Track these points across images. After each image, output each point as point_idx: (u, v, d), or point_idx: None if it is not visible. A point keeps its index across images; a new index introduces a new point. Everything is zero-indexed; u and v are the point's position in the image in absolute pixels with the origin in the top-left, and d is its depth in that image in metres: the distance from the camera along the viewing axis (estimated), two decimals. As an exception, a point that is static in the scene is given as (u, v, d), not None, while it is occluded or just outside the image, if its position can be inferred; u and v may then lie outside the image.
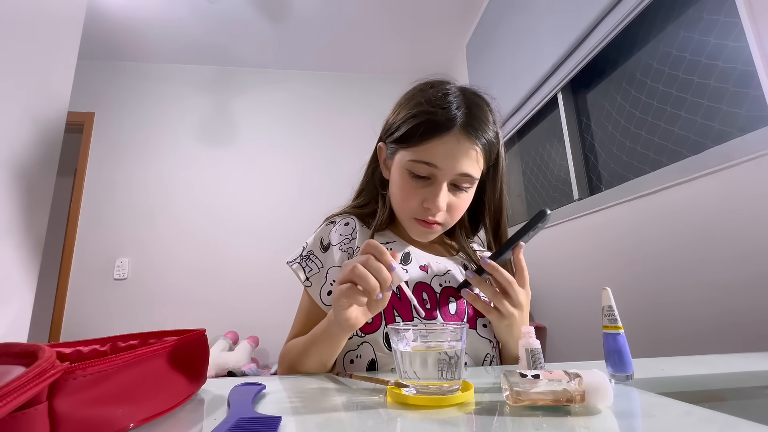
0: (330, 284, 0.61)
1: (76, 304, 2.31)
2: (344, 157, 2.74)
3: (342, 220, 0.67)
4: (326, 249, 0.64)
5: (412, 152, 0.56)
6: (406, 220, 0.61)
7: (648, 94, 1.28)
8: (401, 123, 0.58)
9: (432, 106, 0.56)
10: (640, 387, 0.39)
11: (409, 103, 0.60)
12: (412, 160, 0.56)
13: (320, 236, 0.67)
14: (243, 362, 2.05)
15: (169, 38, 2.48)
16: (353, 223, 0.66)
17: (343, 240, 0.64)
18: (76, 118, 2.49)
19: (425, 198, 0.57)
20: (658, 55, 1.24)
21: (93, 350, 0.40)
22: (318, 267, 0.63)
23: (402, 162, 0.58)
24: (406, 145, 0.57)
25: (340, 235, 0.65)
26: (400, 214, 0.62)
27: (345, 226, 0.66)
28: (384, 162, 0.66)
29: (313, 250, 0.65)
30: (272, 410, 0.35)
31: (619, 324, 0.44)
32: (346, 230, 0.65)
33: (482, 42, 2.30)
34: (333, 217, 0.70)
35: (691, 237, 0.99)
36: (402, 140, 0.58)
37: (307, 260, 0.64)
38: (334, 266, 0.62)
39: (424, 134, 0.55)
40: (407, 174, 0.57)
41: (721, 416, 0.30)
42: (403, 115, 0.59)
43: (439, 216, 0.58)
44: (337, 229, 0.66)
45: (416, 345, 0.38)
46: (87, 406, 0.26)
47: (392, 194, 0.63)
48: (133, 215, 2.46)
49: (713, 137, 1.04)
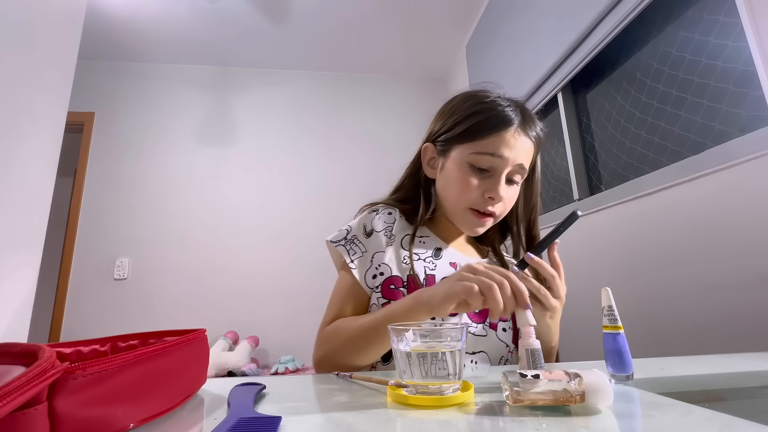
0: (375, 268, 0.63)
1: (76, 304, 2.31)
2: (344, 156, 2.74)
3: (385, 210, 0.71)
4: (369, 235, 0.67)
5: (475, 146, 0.61)
6: (461, 211, 0.64)
7: (648, 94, 1.28)
8: (460, 121, 0.63)
9: (492, 106, 0.62)
10: (640, 387, 0.39)
11: (463, 105, 0.66)
12: (476, 152, 0.61)
13: (363, 222, 0.69)
14: (243, 362, 2.05)
15: (169, 38, 2.48)
16: (395, 214, 0.70)
17: (387, 227, 0.67)
18: (76, 118, 2.49)
19: (486, 188, 0.61)
20: (658, 55, 1.24)
21: (93, 350, 0.40)
22: (362, 251, 0.65)
23: (462, 156, 0.62)
24: (468, 140, 0.62)
25: (384, 222, 0.68)
26: (455, 206, 0.65)
27: (388, 215, 0.69)
28: (429, 161, 0.70)
29: (357, 234, 0.68)
30: (272, 410, 0.35)
31: (619, 324, 0.44)
32: (390, 219, 0.69)
33: (482, 42, 2.30)
34: (375, 206, 0.73)
35: (691, 237, 0.99)
36: (463, 136, 0.63)
37: (351, 243, 0.66)
38: (378, 251, 0.64)
39: (490, 128, 0.60)
40: (468, 167, 0.62)
41: (721, 416, 0.30)
42: (459, 115, 0.64)
43: (496, 206, 0.62)
44: (381, 216, 0.69)
45: (416, 345, 0.38)
46: (87, 406, 0.26)
47: (446, 188, 0.66)
48: (133, 215, 2.46)
49: (713, 137, 1.04)
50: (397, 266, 0.63)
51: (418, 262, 0.64)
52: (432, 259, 0.65)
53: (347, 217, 0.75)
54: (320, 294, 2.50)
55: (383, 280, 0.62)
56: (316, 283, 2.50)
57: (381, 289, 0.62)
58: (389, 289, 0.61)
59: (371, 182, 2.71)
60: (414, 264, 0.63)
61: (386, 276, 0.62)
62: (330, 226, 2.89)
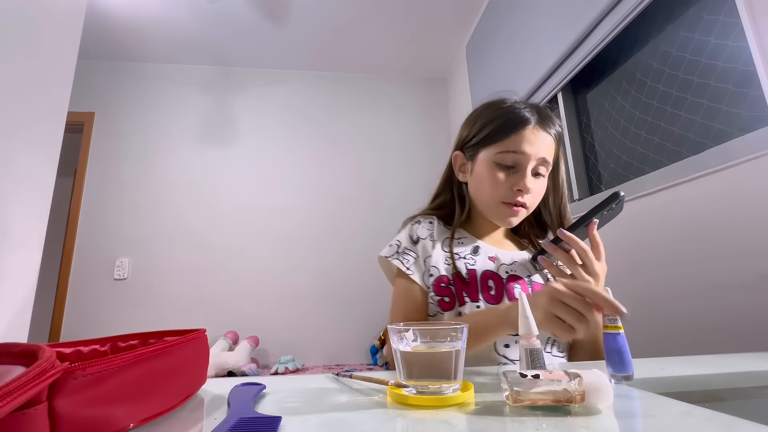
0: (429, 269, 0.70)
1: (76, 304, 2.31)
2: (345, 156, 2.74)
3: (425, 220, 0.78)
4: (416, 242, 0.75)
5: (498, 146, 0.68)
6: (494, 205, 0.70)
7: (648, 94, 1.28)
8: (482, 128, 0.71)
9: (510, 110, 0.69)
10: (640, 387, 0.39)
11: (484, 113, 0.73)
12: (500, 152, 0.68)
13: (409, 233, 0.77)
14: (243, 362, 2.05)
15: (169, 38, 2.48)
16: (435, 222, 0.78)
17: (430, 233, 0.75)
18: (76, 118, 2.49)
19: (514, 183, 0.67)
20: (658, 55, 1.24)
21: (93, 350, 0.40)
22: (414, 257, 0.73)
23: (489, 157, 0.69)
24: (491, 143, 0.69)
25: (426, 230, 0.76)
26: (488, 202, 0.71)
27: (429, 223, 0.77)
28: (460, 167, 0.77)
29: (406, 246, 0.75)
30: (272, 410, 0.35)
31: (619, 324, 0.44)
32: (431, 226, 0.77)
33: (482, 42, 2.30)
34: (417, 218, 0.80)
35: (691, 237, 0.99)
36: (487, 140, 0.70)
37: (403, 254, 0.73)
38: (427, 256, 0.72)
39: (510, 128, 0.67)
40: (495, 166, 0.68)
41: (721, 416, 0.30)
42: (481, 122, 0.72)
43: (526, 198, 0.68)
44: (423, 225, 0.77)
45: (416, 345, 0.38)
46: (87, 406, 0.26)
47: (477, 188, 0.73)
48: (133, 215, 2.46)
49: (713, 137, 1.04)
50: (443, 266, 0.70)
51: (459, 261, 0.71)
52: (471, 256, 0.72)
53: (347, 217, 0.78)
54: (321, 294, 2.51)
55: (433, 280, 0.70)
56: (317, 283, 2.50)
57: (433, 288, 0.69)
58: (440, 287, 0.69)
59: (371, 182, 2.71)
60: (456, 262, 0.70)
61: (435, 276, 0.70)
62: (330, 226, 2.87)
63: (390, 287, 0.77)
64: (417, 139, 2.84)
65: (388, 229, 3.01)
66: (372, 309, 2.46)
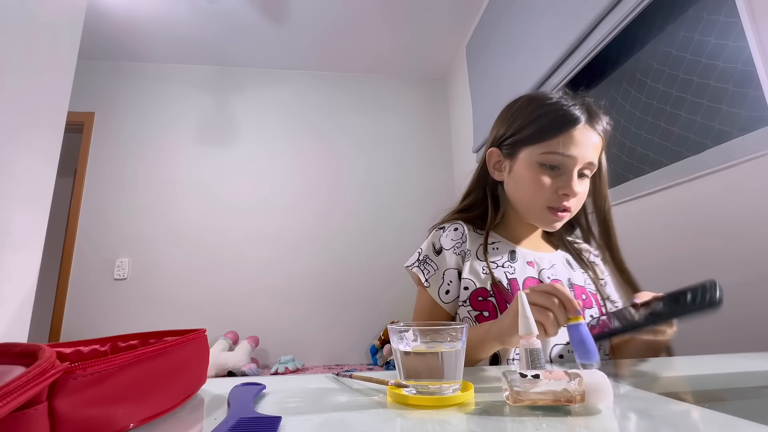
0: (447, 284, 0.67)
1: (76, 304, 2.31)
2: (345, 156, 2.74)
3: (450, 227, 0.73)
4: (439, 253, 0.70)
5: (543, 147, 0.63)
6: (538, 210, 0.65)
7: (648, 94, 1.28)
8: (525, 125, 0.65)
9: (558, 107, 0.63)
10: (640, 387, 0.39)
11: (526, 109, 0.67)
12: (546, 152, 0.62)
13: (432, 241, 0.72)
14: (243, 362, 2.05)
15: (168, 38, 2.48)
16: (462, 228, 0.72)
17: (455, 244, 0.70)
18: (76, 118, 2.49)
19: (560, 186, 0.62)
20: (658, 55, 1.24)
21: (93, 350, 0.40)
22: (434, 269, 0.69)
23: (532, 157, 0.64)
24: (536, 142, 0.64)
25: (451, 240, 0.71)
26: (530, 205, 0.67)
27: (455, 231, 0.72)
28: (495, 165, 0.72)
29: (428, 254, 0.71)
30: (272, 410, 0.35)
31: (579, 315, 0.44)
32: (456, 235, 0.71)
33: (482, 42, 2.30)
34: (442, 224, 0.75)
35: (691, 237, 0.99)
36: (531, 138, 0.64)
37: (424, 264, 0.70)
38: (450, 268, 0.68)
39: (558, 127, 0.62)
40: (538, 167, 0.63)
41: (721, 416, 0.30)
42: (524, 118, 0.66)
43: (571, 202, 0.63)
44: (448, 234, 0.72)
45: (416, 345, 0.38)
46: (87, 406, 0.26)
47: (518, 189, 0.68)
48: (133, 215, 2.46)
49: (713, 137, 1.04)
50: (478, 278, 0.66)
51: (497, 270, 0.66)
52: (509, 263, 0.67)
53: (348, 217, 0.77)
54: (321, 295, 2.51)
55: (469, 294, 0.65)
56: (317, 284, 2.50)
57: (470, 302, 0.64)
58: (478, 301, 0.64)
59: (372, 182, 2.71)
60: (493, 272, 0.65)
61: (471, 290, 0.65)
62: (330, 226, 2.86)
63: (389, 288, 0.77)
64: (417, 139, 2.84)
65: (389, 229, 3.00)
66: (372, 309, 2.46)
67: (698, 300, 0.42)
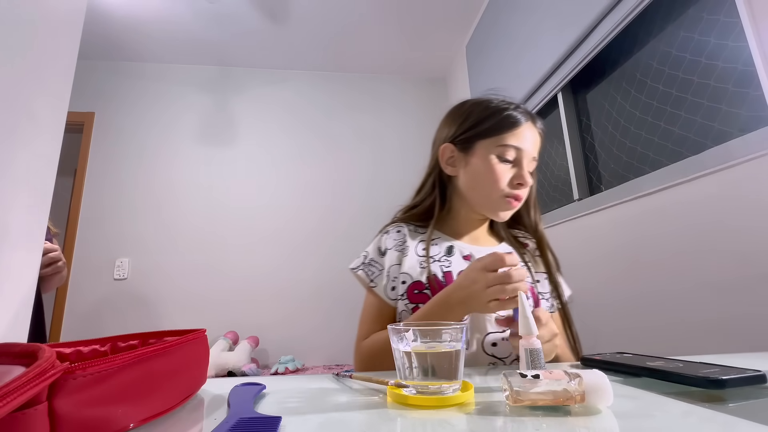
0: (392, 280, 0.70)
1: (76, 304, 2.31)
2: (345, 156, 2.74)
3: (394, 229, 0.78)
4: (384, 254, 0.74)
5: (500, 140, 0.68)
6: (495, 198, 0.69)
7: (648, 94, 1.28)
8: (482, 120, 0.70)
9: (506, 107, 0.70)
10: (640, 387, 0.39)
11: (478, 108, 0.72)
12: (503, 145, 0.68)
13: (378, 245, 0.77)
14: (243, 362, 2.05)
15: (168, 38, 2.48)
16: (403, 229, 0.77)
17: (396, 243, 0.74)
18: (76, 118, 2.49)
19: (515, 176, 0.68)
20: (658, 55, 1.24)
21: (93, 350, 0.40)
22: (379, 269, 0.73)
23: (489, 149, 0.69)
24: (492, 135, 0.69)
25: (393, 240, 0.75)
26: (488, 194, 0.70)
27: (397, 233, 0.77)
28: (447, 160, 0.75)
29: (373, 257, 0.75)
30: (272, 410, 0.35)
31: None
32: (399, 236, 0.76)
33: (482, 42, 2.30)
34: (386, 228, 0.80)
35: (691, 237, 0.99)
36: (487, 132, 0.69)
37: (369, 266, 0.74)
38: (393, 264, 0.71)
39: (512, 124, 0.68)
40: (496, 158, 0.68)
41: (721, 416, 0.30)
42: (479, 115, 0.71)
43: (523, 191, 0.69)
44: (391, 235, 0.76)
45: (416, 345, 0.38)
46: (87, 406, 0.26)
47: (475, 181, 0.72)
48: (133, 215, 2.46)
49: (713, 137, 1.04)
50: (415, 272, 0.69)
51: (433, 264, 0.69)
52: (446, 257, 0.71)
53: (347, 217, 0.78)
54: (321, 294, 2.51)
55: (406, 287, 0.68)
56: (317, 284, 2.50)
57: (407, 295, 0.67)
58: (414, 294, 0.67)
59: (372, 182, 2.71)
60: (430, 266, 0.68)
61: (408, 284, 0.68)
62: (330, 226, 2.86)
63: None
64: (417, 140, 2.83)
65: (388, 229, 2.97)
66: (372, 309, 2.46)
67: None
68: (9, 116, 0.84)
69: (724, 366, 0.39)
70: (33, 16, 0.89)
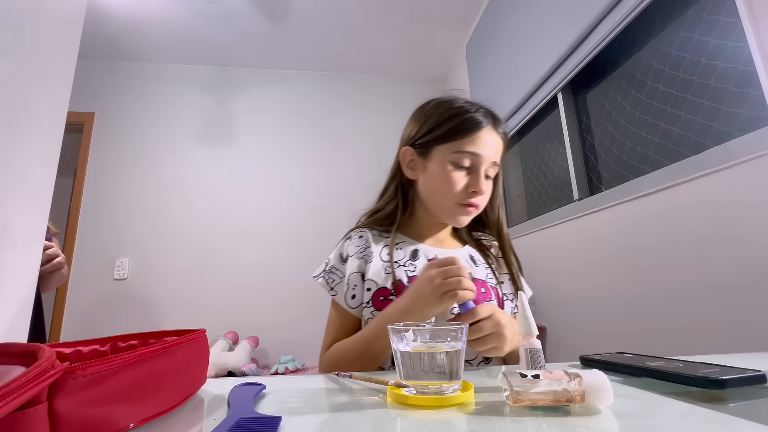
0: (352, 288, 0.68)
1: (76, 304, 2.31)
2: (344, 157, 2.74)
3: (356, 235, 0.76)
4: (345, 261, 0.73)
5: (455, 145, 0.66)
6: (449, 206, 0.68)
7: (648, 94, 1.28)
8: (438, 124, 0.68)
9: (466, 110, 0.68)
10: (640, 387, 0.39)
11: (438, 110, 0.70)
12: (458, 151, 0.66)
13: (340, 251, 0.76)
14: (243, 362, 2.05)
15: (169, 38, 2.48)
16: (366, 235, 0.76)
17: (359, 250, 0.73)
18: (76, 118, 2.49)
19: (470, 184, 0.66)
20: (658, 55, 1.24)
21: (93, 350, 0.40)
22: (339, 277, 0.71)
23: (444, 156, 0.67)
24: (448, 140, 0.67)
25: (356, 246, 0.74)
26: (442, 202, 0.69)
27: (359, 238, 0.75)
28: (408, 164, 0.74)
29: (334, 264, 0.74)
30: (272, 410, 0.35)
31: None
32: (361, 242, 0.74)
33: (482, 42, 2.30)
34: (349, 233, 0.79)
35: (691, 237, 0.99)
36: (444, 137, 0.67)
37: (330, 273, 0.73)
38: (353, 272, 0.70)
39: (469, 129, 0.66)
40: (451, 165, 0.66)
41: (721, 416, 0.30)
42: (436, 119, 0.69)
43: (479, 199, 0.67)
44: (353, 241, 0.75)
45: (416, 345, 0.38)
46: (87, 406, 0.26)
47: (431, 186, 0.70)
48: (133, 215, 2.46)
49: (713, 137, 1.04)
50: (380, 278, 0.67)
51: (398, 269, 0.68)
52: (411, 261, 0.70)
53: (347, 218, 0.78)
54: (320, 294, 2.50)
55: (371, 294, 0.66)
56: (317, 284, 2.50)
57: (372, 303, 0.66)
58: (379, 301, 0.65)
59: (371, 182, 2.70)
60: (395, 271, 0.67)
61: (373, 290, 0.66)
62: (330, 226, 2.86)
63: None
64: (417, 139, 2.84)
65: (388, 229, 2.97)
66: (372, 309, 2.46)
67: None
68: (9, 116, 0.84)
69: (724, 366, 0.39)
70: (33, 16, 0.89)
